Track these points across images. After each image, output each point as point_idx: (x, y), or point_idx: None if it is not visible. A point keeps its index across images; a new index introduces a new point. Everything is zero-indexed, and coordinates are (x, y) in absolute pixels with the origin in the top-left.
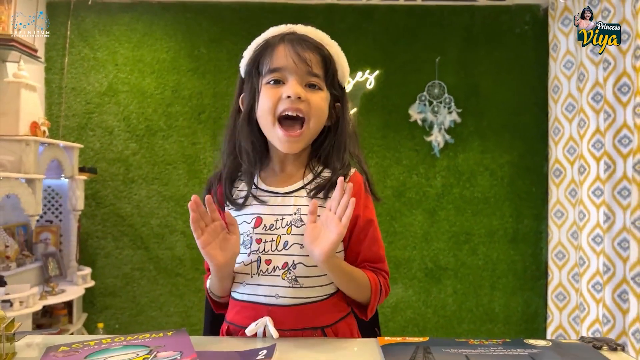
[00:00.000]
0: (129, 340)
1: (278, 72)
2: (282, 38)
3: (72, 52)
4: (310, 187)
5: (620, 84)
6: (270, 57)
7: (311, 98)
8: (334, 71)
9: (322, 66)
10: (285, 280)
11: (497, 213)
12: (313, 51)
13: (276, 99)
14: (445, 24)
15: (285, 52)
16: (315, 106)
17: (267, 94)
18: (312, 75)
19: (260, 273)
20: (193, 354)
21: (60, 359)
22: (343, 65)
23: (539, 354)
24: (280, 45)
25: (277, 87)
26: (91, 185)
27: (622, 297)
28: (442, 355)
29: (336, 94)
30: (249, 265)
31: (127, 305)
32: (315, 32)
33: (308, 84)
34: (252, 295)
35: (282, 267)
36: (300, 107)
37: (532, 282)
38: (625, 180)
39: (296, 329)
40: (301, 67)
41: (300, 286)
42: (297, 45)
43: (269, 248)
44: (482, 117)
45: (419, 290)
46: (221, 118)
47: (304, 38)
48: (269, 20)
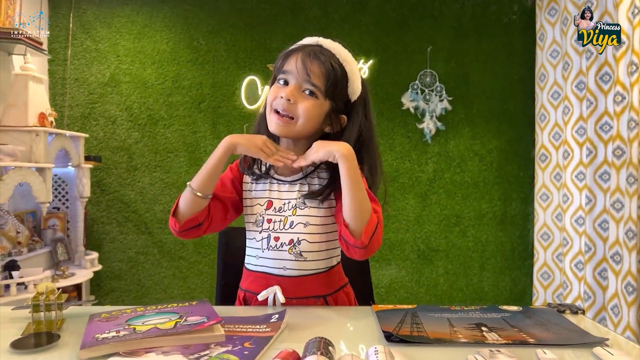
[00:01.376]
0: (160, 309)
1: (284, 74)
2: (302, 48)
3: (75, 44)
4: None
5: (601, 73)
6: (285, 61)
7: (301, 103)
8: (340, 85)
9: (325, 79)
10: (292, 255)
11: (486, 197)
12: (320, 64)
13: (275, 95)
14: (436, 14)
15: (295, 60)
16: (303, 110)
17: (272, 90)
18: (309, 83)
19: (270, 248)
20: (218, 318)
21: (105, 323)
22: (355, 83)
23: (509, 316)
24: (295, 54)
25: (281, 87)
26: (96, 173)
27: (602, 275)
28: (427, 319)
29: (339, 106)
30: (261, 242)
31: (132, 287)
32: (339, 50)
33: (307, 90)
34: (263, 267)
35: (288, 244)
36: (288, 109)
37: (519, 262)
38: (605, 164)
39: (301, 297)
40: (301, 74)
41: (305, 259)
42: (307, 56)
43: (277, 227)
44: (471, 104)
45: (411, 271)
46: (220, 107)
47: (320, 52)
48: (265, 12)
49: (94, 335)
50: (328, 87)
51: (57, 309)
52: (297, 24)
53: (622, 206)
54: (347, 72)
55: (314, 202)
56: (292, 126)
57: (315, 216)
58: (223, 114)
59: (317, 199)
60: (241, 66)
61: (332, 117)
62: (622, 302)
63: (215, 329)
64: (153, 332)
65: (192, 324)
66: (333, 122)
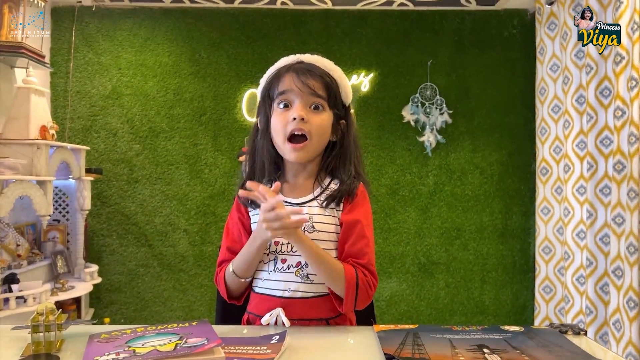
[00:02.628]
0: (160, 329)
1: (285, 95)
2: (289, 68)
3: (77, 57)
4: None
5: (601, 88)
6: (278, 83)
7: (313, 119)
8: (336, 93)
9: (325, 89)
10: (298, 277)
11: (487, 210)
12: (316, 77)
13: (285, 121)
14: (437, 28)
15: (291, 79)
16: (316, 126)
17: (277, 117)
18: (315, 96)
19: (277, 270)
20: (218, 340)
21: (105, 345)
22: (346, 87)
23: (511, 337)
24: (287, 73)
25: (285, 111)
26: (96, 185)
27: (604, 290)
28: (429, 340)
29: (339, 113)
30: (267, 264)
31: (132, 300)
32: (322, 61)
33: (312, 105)
34: (269, 289)
35: (295, 266)
36: (303, 127)
37: (520, 276)
38: (606, 179)
39: (305, 319)
40: (305, 91)
41: (311, 282)
42: (301, 73)
43: (285, 249)
44: (472, 117)
45: (412, 284)
46: (221, 120)
47: (309, 67)
48: (266, 26)
49: (94, 357)
50: (330, 98)
51: (57, 330)
52: (299, 37)
53: (623, 221)
54: (336, 79)
55: (324, 225)
56: (309, 147)
57: (325, 240)
58: (224, 127)
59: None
60: (242, 79)
61: (335, 126)
62: (624, 318)
63: (216, 351)
64: (153, 355)
65: (192, 346)
66: (336, 131)
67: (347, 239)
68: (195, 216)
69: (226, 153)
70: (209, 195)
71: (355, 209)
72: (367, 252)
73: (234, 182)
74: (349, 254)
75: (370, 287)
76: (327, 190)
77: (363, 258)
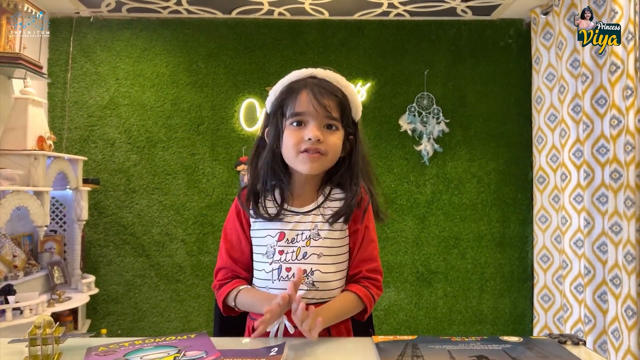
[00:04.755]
0: (158, 342)
1: (300, 116)
2: (304, 84)
3: (75, 67)
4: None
5: (597, 97)
6: (293, 101)
7: (328, 139)
8: (348, 111)
9: (339, 109)
10: (304, 284)
11: (484, 218)
12: (331, 96)
13: (299, 139)
14: (433, 38)
15: (307, 99)
16: (332, 145)
17: (290, 134)
18: (330, 118)
19: (281, 279)
20: (217, 353)
21: (103, 358)
22: (356, 104)
23: (510, 348)
24: (303, 91)
25: (299, 129)
26: (94, 196)
27: (602, 298)
28: (428, 351)
29: (350, 130)
30: (271, 273)
31: (129, 311)
32: (334, 76)
33: (326, 125)
34: None
35: None
36: (319, 147)
37: (518, 284)
38: (603, 187)
39: None
40: (321, 112)
41: (317, 289)
42: (317, 92)
43: (289, 258)
44: (469, 126)
45: (410, 293)
46: (219, 129)
47: (323, 85)
48: (264, 36)
49: None
50: (343, 117)
51: (55, 343)
52: (296, 47)
53: (620, 229)
54: (348, 96)
55: (330, 232)
56: (324, 161)
57: (330, 247)
58: (222, 137)
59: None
60: (240, 89)
61: (344, 142)
62: (623, 326)
63: None
64: None
65: (191, 359)
66: (345, 147)
67: (359, 245)
68: (192, 226)
69: (224, 163)
70: (207, 205)
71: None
72: (374, 256)
73: (231, 192)
74: (362, 259)
75: (381, 289)
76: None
77: (372, 263)
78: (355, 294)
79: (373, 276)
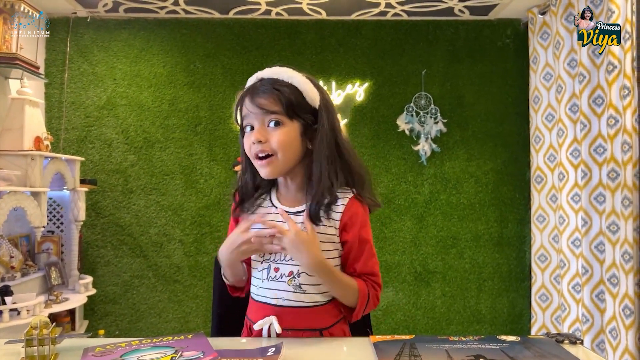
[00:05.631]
0: (155, 342)
1: (245, 120)
2: (247, 90)
3: (72, 68)
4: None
5: (594, 97)
6: (240, 109)
7: (271, 137)
8: (297, 101)
9: (280, 102)
10: (290, 286)
11: (482, 218)
12: (267, 94)
13: (249, 143)
14: (431, 38)
15: (247, 103)
16: (278, 142)
17: (245, 139)
18: (270, 113)
19: (270, 279)
20: (214, 353)
21: (99, 358)
22: (309, 92)
23: (508, 347)
24: (246, 97)
25: (250, 133)
26: (91, 196)
27: (600, 298)
28: (425, 351)
29: (307, 120)
30: (262, 272)
31: (126, 312)
32: (277, 72)
33: (269, 122)
34: (263, 297)
35: (287, 275)
36: (264, 148)
37: (516, 284)
38: (600, 187)
39: (298, 329)
40: (257, 112)
41: (304, 292)
42: (254, 95)
43: (278, 257)
44: (466, 126)
45: (408, 293)
46: (217, 130)
47: (262, 84)
48: (261, 36)
49: None
50: (287, 108)
51: (51, 343)
52: (294, 47)
53: (617, 228)
54: (296, 86)
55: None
56: (276, 163)
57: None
58: (219, 137)
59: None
60: (237, 89)
61: (308, 133)
62: (620, 326)
63: None
64: None
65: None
66: (310, 138)
67: (358, 258)
68: (190, 226)
69: (221, 163)
70: (205, 205)
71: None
72: (376, 271)
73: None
74: (363, 273)
75: (378, 299)
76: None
77: (375, 276)
78: (356, 283)
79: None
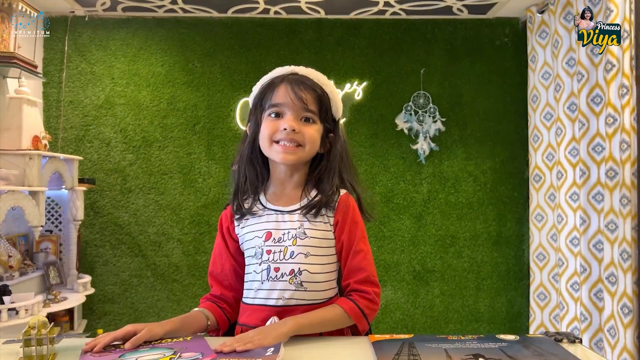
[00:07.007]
0: (154, 344)
1: (277, 107)
2: (284, 78)
3: (70, 67)
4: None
5: (593, 95)
6: (272, 94)
7: (305, 130)
8: (327, 107)
9: (317, 103)
10: (292, 285)
11: (480, 217)
12: (309, 91)
13: (274, 129)
14: (429, 37)
15: (285, 91)
16: (308, 136)
17: (267, 125)
18: (307, 110)
19: (270, 279)
20: (213, 354)
21: (98, 358)
22: (337, 102)
23: (507, 346)
24: (281, 84)
25: (276, 120)
26: (89, 195)
27: (598, 296)
28: (424, 350)
29: (329, 127)
30: (261, 273)
31: (125, 311)
32: (315, 74)
33: (303, 117)
34: (261, 299)
35: (289, 274)
36: (295, 138)
37: (515, 283)
38: (599, 185)
39: None
40: (297, 104)
41: (305, 290)
42: (295, 85)
43: (277, 258)
44: (465, 125)
45: (407, 292)
46: (215, 129)
47: (303, 80)
48: (260, 35)
49: None
50: (321, 112)
51: (49, 343)
52: (292, 46)
53: (616, 227)
54: (328, 94)
55: (315, 232)
56: (301, 154)
57: (317, 247)
58: (218, 136)
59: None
60: (236, 88)
61: (324, 139)
62: (619, 324)
63: None
64: None
65: None
66: (324, 143)
67: (347, 256)
68: (189, 226)
69: (220, 162)
70: (203, 204)
71: (347, 224)
72: (363, 265)
73: (228, 191)
74: (349, 270)
75: (374, 302)
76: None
77: (361, 273)
78: (341, 307)
79: (362, 288)
